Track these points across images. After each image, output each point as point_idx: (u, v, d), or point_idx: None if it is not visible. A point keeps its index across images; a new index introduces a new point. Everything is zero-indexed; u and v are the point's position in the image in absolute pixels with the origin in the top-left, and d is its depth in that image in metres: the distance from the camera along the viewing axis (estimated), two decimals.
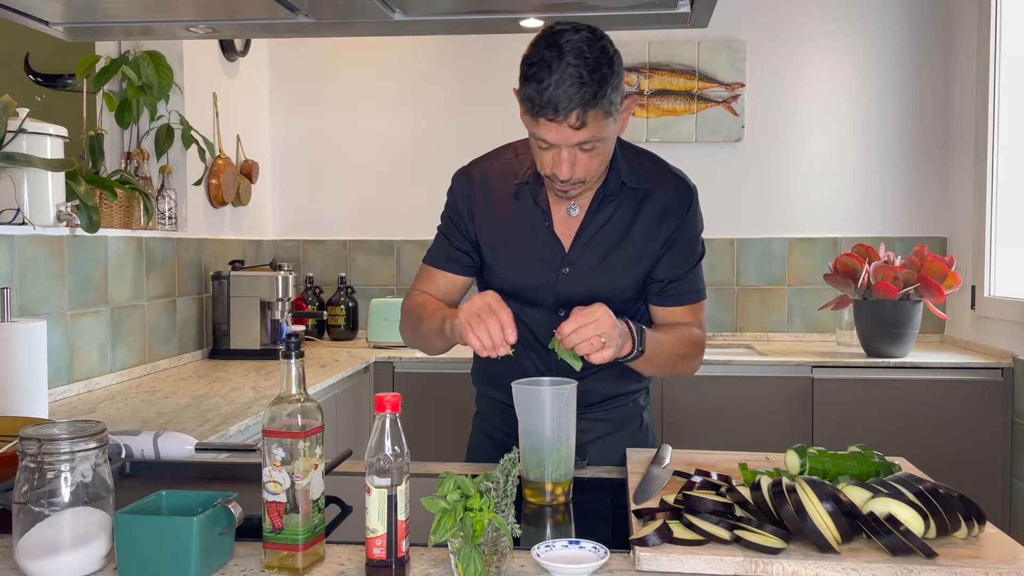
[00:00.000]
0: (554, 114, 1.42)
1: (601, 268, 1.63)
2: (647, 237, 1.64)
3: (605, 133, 1.48)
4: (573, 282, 1.63)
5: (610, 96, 1.44)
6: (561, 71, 1.41)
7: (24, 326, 1.93)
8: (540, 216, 1.64)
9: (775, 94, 3.77)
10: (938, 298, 3.10)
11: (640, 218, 1.63)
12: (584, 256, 1.63)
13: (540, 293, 1.65)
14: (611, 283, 1.63)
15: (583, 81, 1.40)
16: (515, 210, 1.66)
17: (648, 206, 1.64)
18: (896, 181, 3.75)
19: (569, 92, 1.40)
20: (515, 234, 1.66)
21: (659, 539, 1.09)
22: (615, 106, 1.47)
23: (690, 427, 3.18)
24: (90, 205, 2.35)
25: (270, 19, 1.86)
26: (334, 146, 3.99)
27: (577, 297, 1.60)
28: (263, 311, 3.23)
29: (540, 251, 1.64)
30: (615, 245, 1.63)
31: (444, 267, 1.74)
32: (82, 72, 2.73)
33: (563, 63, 1.41)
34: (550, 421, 1.37)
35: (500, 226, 1.67)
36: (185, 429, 1.97)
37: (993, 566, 1.04)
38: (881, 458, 1.32)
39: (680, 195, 1.67)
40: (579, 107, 1.41)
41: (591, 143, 1.47)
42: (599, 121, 1.45)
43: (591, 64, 1.41)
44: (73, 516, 1.06)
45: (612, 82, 1.43)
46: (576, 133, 1.45)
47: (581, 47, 1.42)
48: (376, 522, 1.04)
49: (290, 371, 1.10)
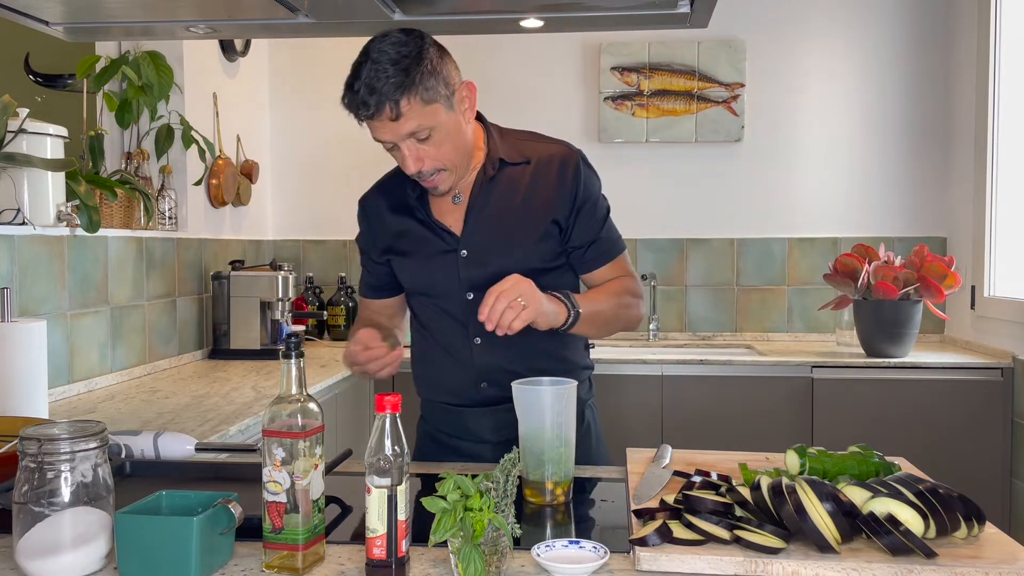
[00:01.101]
0: (367, 111, 1.51)
1: (497, 244, 1.66)
2: (538, 206, 1.67)
3: (435, 121, 1.54)
4: (473, 263, 1.66)
5: (423, 83, 1.50)
6: (366, 72, 1.50)
7: (24, 326, 1.93)
8: (421, 209, 1.70)
9: (775, 94, 3.77)
10: (938, 298, 3.10)
11: (528, 190, 1.67)
12: (477, 235, 1.66)
13: (446, 282, 1.69)
14: (511, 256, 1.65)
15: (387, 75, 1.48)
16: (404, 214, 1.72)
17: (535, 177, 1.67)
18: (896, 181, 3.75)
19: (375, 87, 1.49)
20: (412, 238, 1.72)
21: (659, 539, 1.09)
22: (434, 92, 1.52)
23: (690, 427, 3.18)
24: (90, 205, 2.35)
25: (270, 19, 1.86)
26: (334, 146, 3.99)
27: (481, 277, 1.64)
28: (263, 311, 3.23)
29: (434, 242, 1.69)
30: (506, 218, 1.66)
31: (373, 295, 1.85)
32: (82, 72, 2.73)
33: (367, 65, 1.50)
34: (550, 421, 1.38)
35: (397, 233, 1.73)
36: (185, 429, 1.97)
37: (993, 566, 1.04)
38: (881, 458, 1.32)
39: (565, 161, 1.69)
40: (388, 100, 1.49)
41: (423, 131, 1.53)
42: (419, 108, 1.51)
43: (393, 58, 1.49)
44: (73, 516, 1.06)
45: (419, 70, 1.50)
46: (399, 124, 1.51)
47: (384, 48, 1.51)
48: (376, 522, 1.04)
49: (290, 371, 1.10)
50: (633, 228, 3.70)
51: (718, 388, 3.19)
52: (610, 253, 1.74)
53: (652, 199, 3.82)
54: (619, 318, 1.71)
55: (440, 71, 1.54)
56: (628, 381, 3.22)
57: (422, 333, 1.79)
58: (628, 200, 3.65)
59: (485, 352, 1.68)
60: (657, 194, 3.82)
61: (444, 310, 1.71)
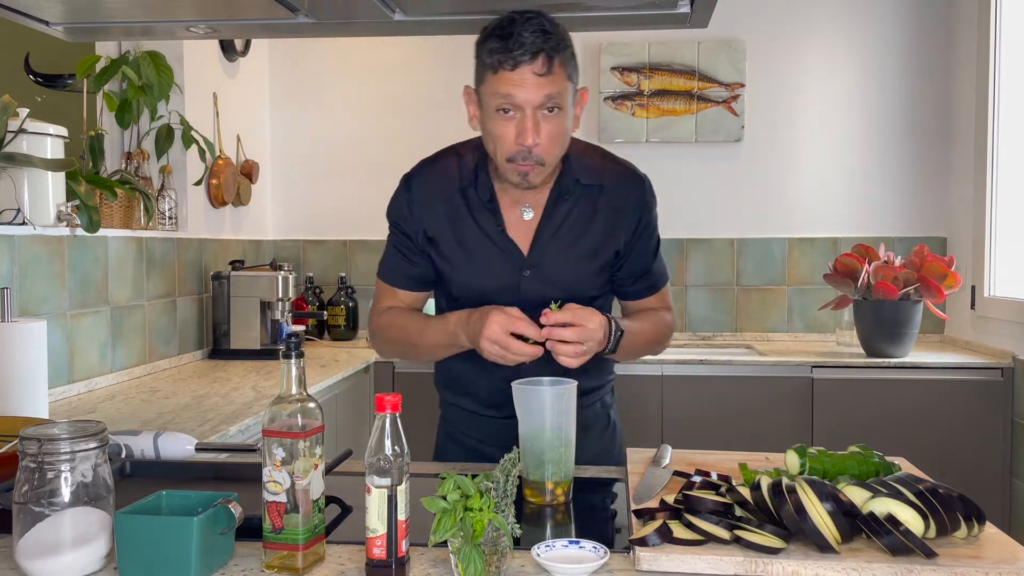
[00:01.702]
0: (520, 57, 1.43)
1: (563, 268, 1.62)
2: (605, 233, 1.64)
3: (565, 102, 1.49)
4: (535, 284, 1.61)
5: (571, 56, 1.49)
6: (523, 25, 1.45)
7: (24, 326, 1.93)
8: (492, 219, 1.62)
9: (775, 94, 3.77)
10: (938, 298, 3.10)
11: (598, 215, 1.63)
12: (545, 257, 1.62)
13: (501, 298, 1.60)
14: (574, 282, 1.62)
15: (546, 31, 1.45)
16: (465, 215, 1.62)
17: (604, 202, 1.64)
18: (896, 181, 3.75)
19: (533, 38, 1.44)
20: (469, 240, 1.62)
21: (659, 539, 1.09)
22: (575, 72, 1.51)
23: (690, 427, 3.18)
24: (90, 205, 2.35)
25: (270, 19, 1.86)
26: (334, 146, 3.99)
27: (541, 299, 1.58)
28: (263, 311, 3.23)
29: (497, 256, 1.62)
30: (574, 244, 1.62)
31: (401, 285, 1.71)
32: (82, 72, 2.73)
33: (524, 21, 1.46)
34: (550, 421, 1.37)
35: (453, 233, 1.63)
36: (185, 429, 1.97)
37: (993, 566, 1.04)
38: (881, 458, 1.32)
39: (636, 189, 1.67)
40: (544, 51, 1.44)
41: (554, 102, 1.47)
42: (562, 79, 1.47)
43: (551, 21, 1.47)
44: (73, 516, 1.06)
45: (571, 48, 1.49)
46: (541, 83, 1.45)
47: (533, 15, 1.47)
48: (376, 522, 1.04)
49: (290, 371, 1.10)
50: None
51: (718, 388, 3.19)
52: (655, 286, 1.73)
53: None
54: (644, 354, 1.72)
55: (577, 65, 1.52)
56: (628, 381, 3.21)
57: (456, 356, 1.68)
58: None
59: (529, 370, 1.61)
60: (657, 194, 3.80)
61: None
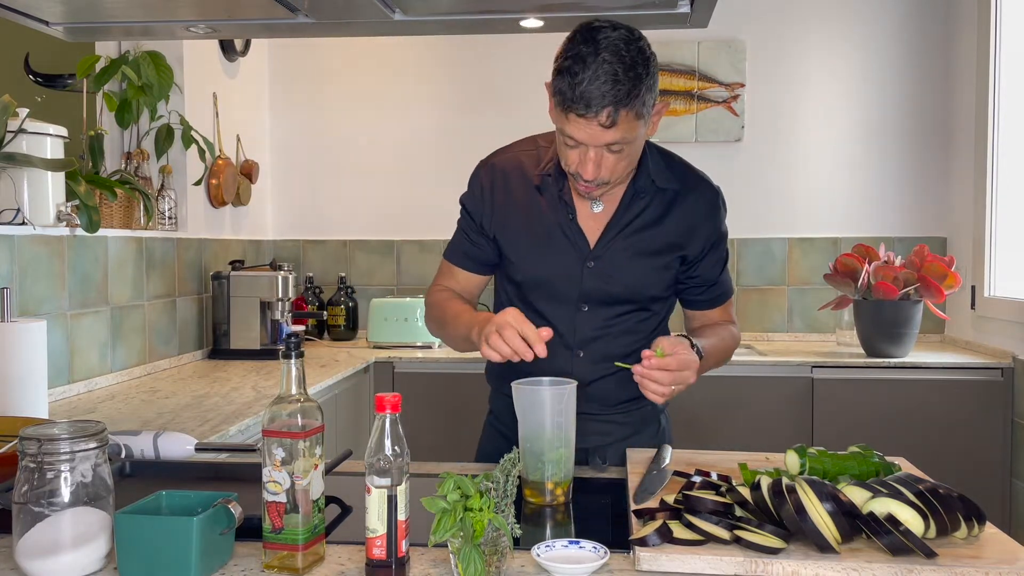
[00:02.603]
0: (585, 110, 1.40)
1: (627, 265, 1.63)
2: (675, 238, 1.64)
3: (635, 135, 1.47)
4: (597, 277, 1.63)
5: (643, 97, 1.43)
6: (596, 67, 1.39)
7: (24, 326, 1.93)
8: (563, 209, 1.63)
9: (775, 94, 3.77)
10: (938, 298, 3.10)
11: (669, 218, 1.63)
12: (610, 251, 1.62)
13: (563, 287, 1.64)
14: (636, 280, 1.63)
15: (617, 79, 1.39)
16: (537, 203, 1.64)
17: (677, 207, 1.64)
18: (896, 181, 3.75)
19: (603, 89, 1.39)
20: (538, 227, 1.64)
21: (659, 539, 1.09)
22: (647, 108, 1.45)
23: (690, 427, 3.17)
24: (90, 205, 2.35)
25: (270, 19, 1.86)
26: (334, 146, 3.99)
27: (600, 293, 1.62)
28: (263, 311, 3.23)
29: (564, 245, 1.63)
30: (641, 242, 1.63)
31: (461, 264, 1.74)
32: (82, 72, 2.73)
33: (599, 59, 1.39)
34: (550, 421, 1.37)
35: (522, 219, 1.65)
36: (185, 429, 1.97)
37: (993, 566, 1.04)
38: (881, 458, 1.32)
39: (710, 199, 1.68)
40: (611, 105, 1.40)
41: (619, 144, 1.46)
42: (630, 122, 1.43)
43: (627, 63, 1.40)
44: (73, 516, 1.06)
45: (647, 83, 1.43)
46: (605, 132, 1.43)
47: (618, 44, 1.40)
48: (376, 522, 1.04)
49: (290, 371, 1.10)
50: None
51: (718, 388, 3.19)
52: (721, 299, 1.73)
53: None
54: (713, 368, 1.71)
55: (655, 85, 1.46)
56: None
57: None
58: None
59: (585, 366, 1.65)
60: None
61: (552, 315, 1.65)
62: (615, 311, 1.65)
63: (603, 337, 1.65)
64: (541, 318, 1.65)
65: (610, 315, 1.65)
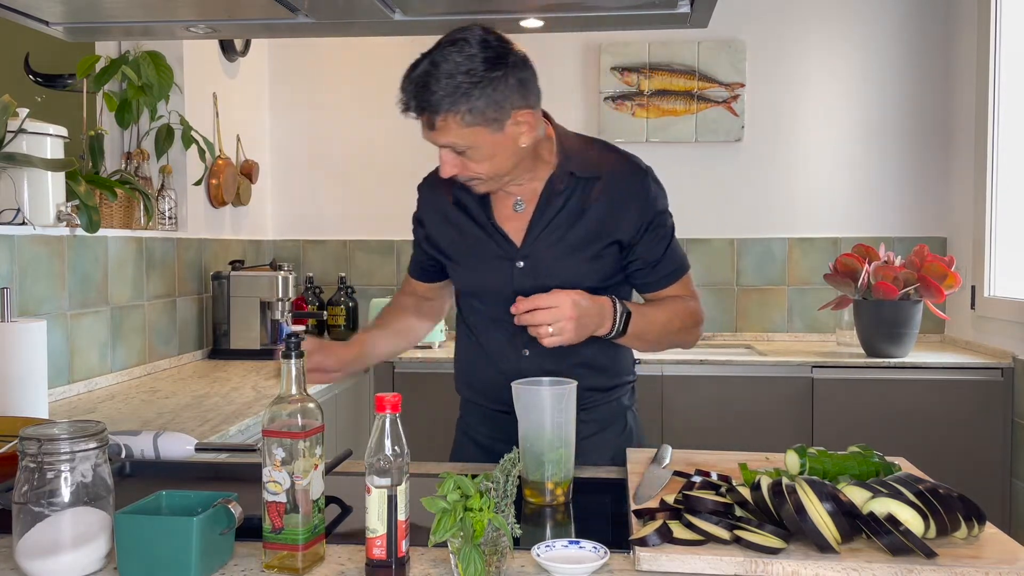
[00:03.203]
0: (406, 110, 1.47)
1: (556, 260, 1.62)
2: (602, 226, 1.62)
3: (474, 141, 1.47)
4: (528, 276, 1.63)
5: (470, 104, 1.42)
6: (421, 70, 1.43)
7: (24, 326, 1.93)
8: (483, 213, 1.65)
9: (775, 94, 3.77)
10: (938, 298, 3.10)
11: (593, 205, 1.62)
12: (536, 249, 1.62)
13: (497, 289, 1.65)
14: (567, 275, 1.62)
15: (436, 84, 1.41)
16: (463, 211, 1.67)
17: (601, 193, 1.62)
18: (896, 181, 3.75)
19: (420, 92, 1.43)
20: (466, 234, 1.67)
21: (659, 539, 1.09)
22: (479, 116, 1.44)
23: (690, 427, 3.18)
24: (90, 205, 2.35)
25: (270, 19, 1.86)
26: (334, 146, 3.99)
27: (534, 290, 1.60)
28: (263, 311, 3.23)
29: (490, 247, 1.65)
30: (567, 235, 1.62)
31: (415, 275, 1.85)
32: (82, 72, 2.73)
33: (423, 64, 1.44)
34: (550, 421, 1.37)
35: (453, 227, 1.69)
36: (185, 429, 1.97)
37: (993, 566, 1.04)
38: (881, 458, 1.32)
39: (635, 179, 1.64)
40: (428, 110, 1.44)
41: (459, 147, 1.48)
42: (457, 128, 1.45)
43: (450, 70, 1.41)
44: (73, 516, 1.06)
45: (473, 92, 1.42)
46: (434, 135, 1.47)
47: (450, 54, 1.42)
48: (376, 522, 1.04)
49: (290, 371, 1.10)
50: None
51: (718, 388, 3.19)
52: (673, 276, 1.69)
53: None
54: (671, 342, 1.67)
55: (497, 94, 1.44)
56: None
57: (468, 336, 1.75)
58: None
59: (534, 364, 1.65)
60: None
61: (493, 318, 1.67)
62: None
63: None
64: (489, 320, 1.69)
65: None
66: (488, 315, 1.69)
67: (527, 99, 1.49)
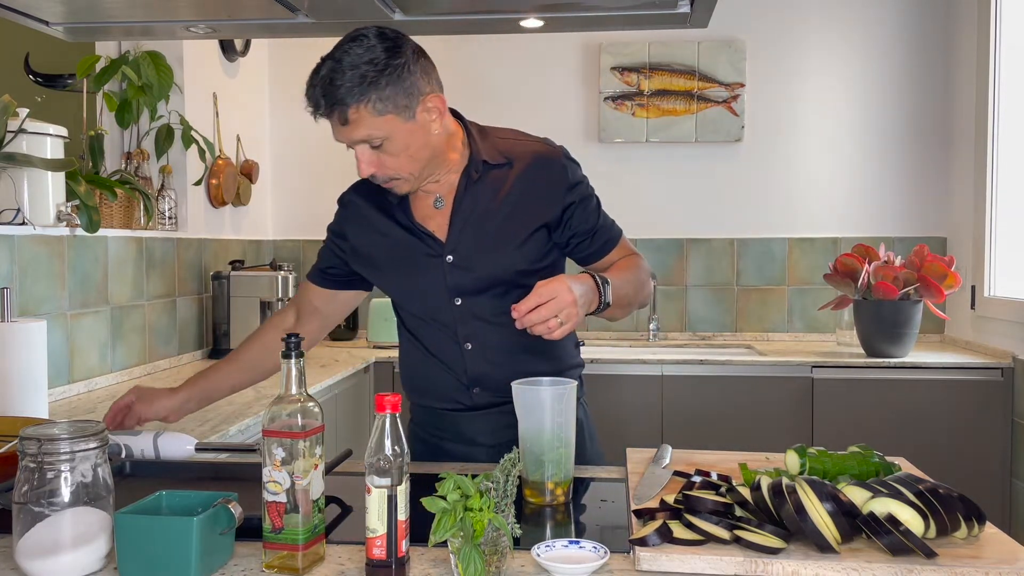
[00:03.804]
0: (317, 111, 1.50)
1: (484, 249, 1.63)
2: (525, 208, 1.63)
3: (388, 131, 1.49)
4: (459, 269, 1.63)
5: (378, 92, 1.45)
6: (325, 70, 1.47)
7: (24, 326, 1.93)
8: (404, 215, 1.66)
9: (775, 94, 3.77)
10: (938, 298, 3.10)
11: (511, 191, 1.62)
12: (462, 241, 1.63)
13: (431, 288, 1.65)
14: (496, 264, 1.63)
15: (342, 78, 1.44)
16: (387, 217, 1.68)
17: (516, 177, 1.63)
18: (896, 181, 3.75)
19: (327, 89, 1.46)
20: (392, 237, 1.67)
21: (659, 539, 1.09)
22: (390, 103, 1.47)
23: (690, 427, 3.18)
24: (90, 205, 2.35)
25: (270, 19, 1.86)
26: (334, 146, 3.95)
27: (468, 282, 1.62)
28: (263, 311, 3.22)
29: (417, 248, 1.65)
30: (491, 222, 1.62)
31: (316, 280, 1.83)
32: (82, 72, 2.73)
33: (325, 63, 1.47)
34: (550, 421, 1.37)
35: (378, 234, 1.69)
36: (185, 429, 1.97)
37: (993, 566, 1.04)
38: (881, 458, 1.31)
39: (548, 160, 1.65)
40: (339, 106, 1.46)
41: (375, 140, 1.50)
42: (369, 118, 1.47)
43: (353, 62, 1.45)
44: (73, 516, 1.06)
45: (378, 79, 1.45)
46: (347, 130, 1.49)
47: (350, 48, 1.46)
48: (376, 522, 1.04)
49: (290, 371, 1.10)
50: (633, 228, 3.68)
51: (718, 388, 3.19)
52: (613, 240, 1.71)
53: (652, 199, 3.82)
54: (639, 297, 1.67)
55: (403, 81, 1.48)
56: (627, 381, 3.22)
57: (410, 339, 1.75)
58: (628, 200, 3.65)
59: (476, 357, 1.65)
60: (657, 194, 3.82)
61: (432, 317, 1.68)
62: (488, 297, 1.65)
63: (486, 324, 1.65)
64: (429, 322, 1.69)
65: (485, 302, 1.65)
66: (426, 315, 1.69)
67: (431, 84, 1.53)
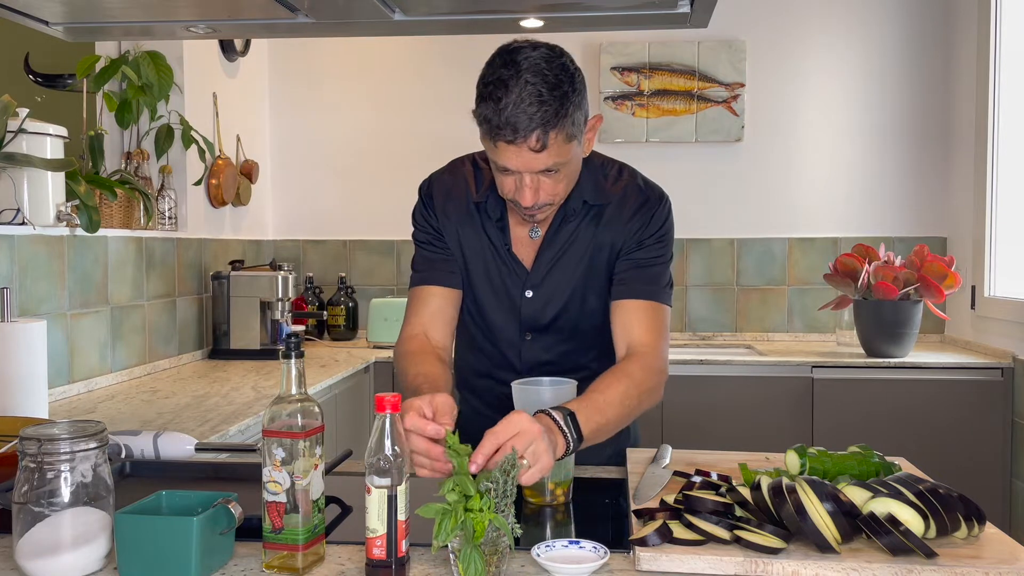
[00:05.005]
0: (513, 136, 1.36)
1: (565, 290, 1.59)
2: (607, 248, 1.57)
3: (568, 156, 1.42)
4: (536, 305, 1.59)
5: (572, 116, 1.38)
6: (520, 89, 1.34)
7: (24, 326, 1.93)
8: (500, 237, 1.59)
9: (775, 94, 3.77)
10: (938, 298, 3.10)
11: (600, 234, 1.57)
12: (547, 279, 1.58)
13: (504, 315, 1.61)
14: (577, 306, 1.59)
15: (543, 100, 1.34)
16: (476, 229, 1.61)
17: (610, 219, 1.57)
18: (896, 181, 3.75)
19: (529, 111, 1.34)
20: (477, 253, 1.61)
21: (659, 539, 1.09)
22: (578, 127, 1.40)
23: (690, 427, 3.18)
24: (90, 205, 2.35)
25: (270, 19, 1.86)
26: (334, 146, 3.99)
27: (542, 321, 1.59)
28: (263, 311, 3.23)
29: (502, 272, 1.60)
30: (576, 265, 1.57)
31: (442, 282, 1.62)
32: (82, 72, 2.73)
33: (521, 81, 1.35)
34: None
35: (463, 245, 1.62)
36: (185, 429, 1.97)
37: (993, 566, 1.04)
38: (881, 458, 1.32)
39: (643, 204, 1.58)
40: (539, 127, 1.35)
41: (555, 167, 1.41)
42: (561, 144, 1.38)
43: (551, 82, 1.35)
44: (73, 516, 1.06)
45: (574, 100, 1.37)
46: (537, 157, 1.38)
47: (539, 64, 1.36)
48: (376, 522, 1.04)
49: (290, 371, 1.10)
50: None
51: (718, 388, 3.19)
52: (651, 294, 1.55)
53: None
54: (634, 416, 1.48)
55: (584, 102, 1.41)
56: None
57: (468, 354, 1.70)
58: None
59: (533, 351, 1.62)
60: None
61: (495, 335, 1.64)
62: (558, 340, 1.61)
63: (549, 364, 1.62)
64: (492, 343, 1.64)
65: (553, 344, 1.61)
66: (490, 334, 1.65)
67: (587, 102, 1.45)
